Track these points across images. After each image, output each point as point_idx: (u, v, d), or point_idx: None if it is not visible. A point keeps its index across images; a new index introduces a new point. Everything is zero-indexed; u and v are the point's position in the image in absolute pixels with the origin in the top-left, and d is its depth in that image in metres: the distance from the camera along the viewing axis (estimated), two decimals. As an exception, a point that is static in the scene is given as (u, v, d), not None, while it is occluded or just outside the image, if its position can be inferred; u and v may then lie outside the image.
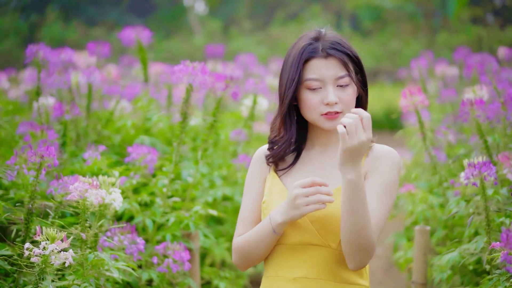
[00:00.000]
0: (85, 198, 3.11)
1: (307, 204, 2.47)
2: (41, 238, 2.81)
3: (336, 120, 2.64)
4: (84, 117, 4.88)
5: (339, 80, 2.62)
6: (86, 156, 3.89)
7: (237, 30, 18.71)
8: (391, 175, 2.62)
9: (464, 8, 18.20)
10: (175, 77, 3.87)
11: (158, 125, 5.14)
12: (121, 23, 18.78)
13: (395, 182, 2.63)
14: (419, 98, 4.30)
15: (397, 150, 2.74)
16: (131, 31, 5.43)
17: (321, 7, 19.09)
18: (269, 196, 2.70)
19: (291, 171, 2.74)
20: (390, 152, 2.67)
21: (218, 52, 7.80)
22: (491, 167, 3.32)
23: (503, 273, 2.72)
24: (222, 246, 4.43)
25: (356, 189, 2.44)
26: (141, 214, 3.88)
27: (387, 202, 2.59)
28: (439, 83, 7.84)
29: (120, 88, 5.21)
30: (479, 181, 3.35)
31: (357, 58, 2.69)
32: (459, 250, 3.80)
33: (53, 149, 3.30)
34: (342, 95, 2.63)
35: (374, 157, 2.66)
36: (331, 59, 2.62)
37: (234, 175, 4.76)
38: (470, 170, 3.35)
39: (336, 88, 2.63)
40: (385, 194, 2.59)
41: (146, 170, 4.06)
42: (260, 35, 18.10)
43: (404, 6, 17.90)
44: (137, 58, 9.75)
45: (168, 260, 3.61)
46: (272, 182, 2.73)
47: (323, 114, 2.64)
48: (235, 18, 20.65)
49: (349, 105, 2.64)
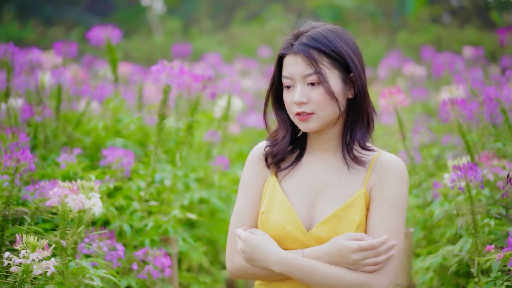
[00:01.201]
0: (65, 204, 2.99)
1: (363, 266, 2.43)
2: (21, 246, 2.69)
3: (308, 122, 2.51)
4: (54, 119, 4.73)
5: (307, 78, 2.49)
6: (61, 160, 3.75)
7: (198, 30, 18.55)
8: (400, 189, 2.51)
9: (423, 8, 18.32)
10: (153, 77, 3.77)
11: (130, 127, 5.01)
12: (80, 22, 18.50)
13: (404, 196, 2.52)
14: (399, 98, 4.27)
15: None
16: (101, 30, 5.28)
17: (282, 6, 19.05)
18: (269, 207, 2.57)
19: (291, 175, 2.62)
20: (398, 165, 2.54)
21: (185, 51, 7.69)
22: (477, 170, 3.27)
23: (498, 276, 2.67)
24: (199, 250, 4.32)
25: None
26: (118, 219, 3.76)
27: (399, 217, 2.50)
28: (407, 82, 7.85)
29: (91, 88, 5.07)
30: (464, 184, 3.30)
31: (338, 55, 2.51)
32: (442, 252, 3.76)
33: (29, 152, 3.17)
34: (312, 94, 2.50)
35: (381, 170, 2.53)
36: (299, 56, 2.50)
37: (211, 177, 4.65)
38: (455, 173, 3.30)
39: (306, 87, 2.50)
40: (396, 209, 2.49)
41: (122, 173, 3.94)
42: (220, 34, 17.97)
43: (364, 5, 17.94)
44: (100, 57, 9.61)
45: (149, 267, 3.50)
46: (273, 189, 2.60)
47: (296, 114, 2.53)
48: (195, 17, 20.49)
49: (320, 105, 2.50)
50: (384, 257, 2.42)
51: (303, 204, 2.55)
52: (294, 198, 2.57)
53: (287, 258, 2.46)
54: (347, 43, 2.54)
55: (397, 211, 2.49)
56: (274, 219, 2.53)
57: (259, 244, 2.51)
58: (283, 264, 2.46)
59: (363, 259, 2.41)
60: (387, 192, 2.50)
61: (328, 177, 2.57)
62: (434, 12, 19.19)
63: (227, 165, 4.64)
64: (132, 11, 20.91)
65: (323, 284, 2.44)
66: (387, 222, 2.47)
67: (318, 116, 2.51)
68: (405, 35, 16.29)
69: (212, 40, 16.89)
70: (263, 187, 2.64)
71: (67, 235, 3.04)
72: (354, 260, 2.41)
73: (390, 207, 2.49)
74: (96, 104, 5.30)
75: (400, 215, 2.49)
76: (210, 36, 17.67)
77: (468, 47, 8.52)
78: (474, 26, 17.34)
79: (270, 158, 2.64)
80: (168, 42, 16.54)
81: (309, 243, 2.49)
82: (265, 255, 2.48)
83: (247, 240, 2.52)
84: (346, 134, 2.57)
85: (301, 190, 2.58)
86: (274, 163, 2.64)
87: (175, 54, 7.82)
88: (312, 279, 2.44)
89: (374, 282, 2.43)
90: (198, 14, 20.55)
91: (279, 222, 2.53)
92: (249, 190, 2.65)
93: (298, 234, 2.50)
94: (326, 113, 2.51)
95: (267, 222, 2.55)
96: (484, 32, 16.54)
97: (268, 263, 2.48)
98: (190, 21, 20.04)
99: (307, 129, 2.53)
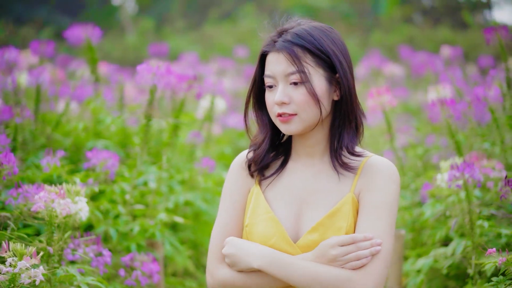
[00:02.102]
0: (52, 209, 2.88)
1: (345, 263, 2.29)
2: (8, 254, 2.57)
3: (289, 124, 2.38)
4: (32, 120, 4.59)
5: (289, 76, 2.36)
6: (44, 163, 3.62)
7: (170, 29, 18.40)
8: (389, 192, 2.37)
9: (395, 8, 18.37)
10: (139, 77, 3.67)
11: (110, 128, 4.89)
12: (50, 22, 18.25)
13: (394, 199, 2.39)
14: (386, 98, 4.21)
15: None
16: (79, 29, 5.16)
17: (255, 6, 18.97)
18: (253, 219, 2.44)
19: (275, 183, 2.49)
20: (387, 167, 2.41)
21: (162, 51, 7.58)
22: (475, 169, 3.23)
23: (501, 280, 2.62)
24: (184, 254, 4.22)
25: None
26: (103, 223, 3.65)
27: (388, 219, 2.35)
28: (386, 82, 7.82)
29: (71, 89, 4.94)
30: (462, 183, 3.25)
31: (324, 53, 2.37)
32: (433, 254, 3.71)
33: (12, 155, 3.06)
34: (294, 94, 2.36)
35: (369, 173, 2.40)
36: (282, 53, 2.37)
37: (195, 179, 4.55)
38: (453, 171, 3.25)
39: (289, 86, 2.37)
40: (384, 211, 2.35)
41: (106, 176, 3.83)
42: (194, 34, 17.83)
43: (338, 5, 17.95)
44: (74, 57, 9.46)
45: (137, 273, 3.39)
46: (256, 200, 2.47)
47: (277, 115, 2.40)
48: (168, 17, 20.33)
49: (303, 106, 2.36)
50: (367, 252, 2.29)
51: (289, 214, 2.43)
52: (279, 207, 2.45)
53: (268, 252, 2.34)
54: (334, 41, 2.42)
55: (385, 213, 2.35)
56: (259, 231, 2.41)
57: (242, 243, 2.40)
58: (263, 258, 2.33)
59: (343, 254, 2.29)
60: (375, 193, 2.37)
61: (314, 184, 2.45)
62: (406, 12, 19.27)
63: (213, 167, 4.55)
64: (103, 10, 20.69)
65: (304, 280, 2.30)
66: (375, 224, 2.34)
67: (300, 117, 2.38)
68: (378, 35, 16.32)
69: (185, 40, 16.76)
70: (247, 198, 2.51)
71: (54, 241, 2.93)
72: (334, 255, 2.29)
73: (378, 208, 2.35)
74: (75, 105, 5.17)
75: (388, 217, 2.36)
76: (183, 35, 17.54)
77: (446, 46, 8.54)
78: (445, 26, 17.43)
79: (253, 165, 2.51)
80: (141, 41, 16.39)
81: (297, 254, 2.37)
82: (247, 252, 2.36)
83: (231, 241, 2.41)
84: (334, 139, 2.44)
85: (286, 199, 2.45)
86: (257, 171, 2.51)
87: (151, 54, 7.71)
88: (291, 275, 2.31)
89: (358, 280, 2.28)
90: (171, 13, 20.39)
91: (264, 234, 2.40)
92: (232, 201, 2.51)
93: (284, 245, 2.38)
94: (308, 114, 2.38)
95: (252, 234, 2.42)
96: (456, 31, 16.65)
97: (249, 259, 2.35)
98: (163, 21, 19.88)
99: (289, 131, 2.40)
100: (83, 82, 5.17)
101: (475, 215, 3.27)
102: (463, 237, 3.70)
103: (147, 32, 17.68)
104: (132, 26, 18.69)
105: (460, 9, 19.35)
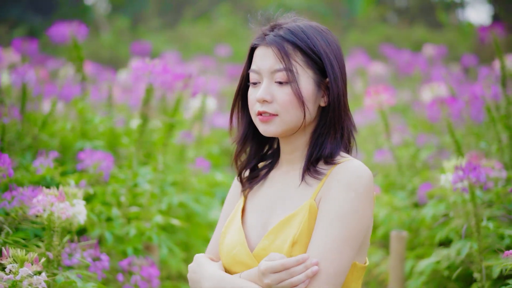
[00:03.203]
0: (51, 213, 2.76)
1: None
2: (9, 260, 2.45)
3: (269, 124, 2.23)
4: (18, 120, 4.44)
5: (275, 74, 2.21)
6: (37, 164, 3.49)
7: (145, 28, 18.23)
8: (345, 202, 2.13)
9: (371, 7, 18.39)
10: (134, 76, 3.55)
11: (98, 128, 4.76)
12: (22, 20, 17.98)
13: (351, 210, 2.12)
14: (384, 97, 4.13)
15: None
16: (66, 27, 5.01)
17: (231, 5, 18.85)
18: (226, 229, 2.34)
19: (256, 193, 2.38)
20: (350, 173, 2.16)
21: (145, 50, 7.46)
22: (480, 171, 3.16)
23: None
24: (178, 257, 4.11)
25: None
26: (98, 226, 3.53)
27: (343, 232, 2.11)
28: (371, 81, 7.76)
29: (58, 88, 4.79)
30: (467, 185, 3.18)
31: (315, 54, 2.22)
32: (435, 256, 3.64)
33: (7, 156, 2.93)
34: (278, 93, 2.21)
35: (331, 180, 2.18)
36: (271, 48, 2.23)
37: (188, 180, 4.43)
38: (458, 174, 3.17)
39: (274, 84, 2.22)
40: (339, 222, 2.11)
41: (99, 178, 3.71)
42: (169, 33, 17.68)
43: (314, 5, 17.89)
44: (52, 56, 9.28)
45: (136, 277, 3.27)
46: (236, 211, 2.37)
47: (258, 114, 2.25)
48: (143, 15, 20.14)
49: (285, 107, 2.20)
50: (302, 277, 2.08)
51: (257, 223, 2.30)
52: (251, 217, 2.33)
53: (218, 274, 2.21)
54: (328, 43, 2.26)
55: (340, 225, 2.11)
56: (226, 242, 2.31)
57: (203, 263, 2.28)
58: (211, 280, 2.20)
59: (277, 282, 2.09)
60: (332, 202, 2.14)
61: (283, 191, 2.30)
62: (381, 12, 19.31)
63: (207, 168, 4.44)
64: (76, 9, 20.44)
65: None
66: (322, 239, 2.11)
67: (281, 119, 2.23)
68: (355, 35, 16.33)
69: (160, 39, 16.61)
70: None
71: (53, 246, 2.82)
72: (267, 284, 2.11)
73: (332, 220, 2.12)
74: (60, 105, 5.03)
75: (344, 229, 2.11)
76: (159, 34, 17.38)
77: (429, 45, 8.55)
78: (421, 26, 17.51)
79: (244, 178, 2.42)
80: (116, 41, 16.20)
81: (254, 265, 2.22)
82: (201, 274, 2.24)
83: (196, 259, 2.32)
84: (314, 147, 2.26)
85: (259, 208, 2.34)
86: (248, 184, 2.41)
87: (133, 53, 7.57)
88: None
89: None
90: (146, 12, 20.21)
91: (230, 243, 2.29)
92: (225, 215, 2.42)
93: (243, 255, 2.24)
94: (290, 117, 2.22)
95: (221, 244, 2.33)
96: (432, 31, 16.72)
97: (201, 281, 2.22)
98: (138, 20, 19.70)
99: (267, 132, 2.25)
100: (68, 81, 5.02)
101: (480, 217, 3.21)
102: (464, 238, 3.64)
103: (122, 31, 17.49)
104: (107, 25, 18.48)
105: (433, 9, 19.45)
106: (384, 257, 4.45)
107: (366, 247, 2.25)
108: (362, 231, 2.15)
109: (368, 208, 2.16)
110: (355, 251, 2.14)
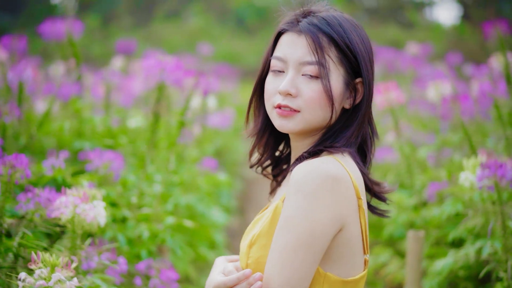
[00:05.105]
0: (77, 215, 2.65)
1: None
2: (39, 265, 2.33)
3: (288, 120, 2.02)
4: (16, 119, 4.30)
5: (304, 66, 2.01)
6: (48, 165, 3.36)
7: (117, 27, 18.04)
8: (292, 204, 1.92)
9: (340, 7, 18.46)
10: (146, 73, 3.44)
11: (96, 128, 4.63)
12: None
13: (297, 214, 1.91)
14: (394, 95, 4.08)
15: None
16: (61, 24, 4.87)
17: (202, 5, 18.74)
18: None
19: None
20: (297, 174, 1.94)
21: (130, 48, 7.32)
22: (507, 169, 3.10)
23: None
24: (185, 260, 4.00)
25: None
26: (110, 228, 3.41)
27: (288, 241, 1.91)
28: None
29: (56, 86, 4.66)
30: (494, 183, 3.13)
31: (351, 51, 2.02)
32: (453, 255, 3.59)
33: (24, 156, 2.80)
34: (305, 88, 2.00)
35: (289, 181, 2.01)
36: (303, 37, 2.02)
37: (195, 180, 4.33)
38: (484, 171, 3.11)
39: (301, 77, 2.02)
40: (284, 230, 1.92)
41: (110, 178, 3.59)
42: (141, 31, 17.51)
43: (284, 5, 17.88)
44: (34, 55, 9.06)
45: (155, 281, 3.15)
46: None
47: (276, 106, 2.04)
48: (114, 14, 19.91)
49: (311, 105, 2.00)
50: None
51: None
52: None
53: (210, 281, 2.09)
54: (363, 41, 2.08)
55: (286, 231, 1.92)
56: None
57: (215, 268, 2.15)
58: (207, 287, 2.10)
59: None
60: (284, 208, 1.96)
61: (281, 191, 2.18)
62: (350, 11, 19.38)
63: (215, 167, 4.34)
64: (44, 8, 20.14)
65: None
66: (275, 245, 1.95)
67: (304, 116, 2.02)
68: (328, 34, 16.34)
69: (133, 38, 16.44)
70: None
71: (76, 249, 2.71)
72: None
73: (281, 226, 1.94)
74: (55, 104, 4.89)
75: (292, 235, 1.91)
76: (131, 33, 17.21)
77: (414, 44, 8.54)
78: (392, 25, 17.60)
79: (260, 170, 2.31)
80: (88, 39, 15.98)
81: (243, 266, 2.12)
82: (209, 278, 2.12)
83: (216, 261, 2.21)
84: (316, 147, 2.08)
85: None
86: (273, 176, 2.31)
87: (118, 51, 7.43)
88: None
89: None
90: (117, 11, 20.00)
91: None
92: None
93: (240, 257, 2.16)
94: (314, 116, 2.03)
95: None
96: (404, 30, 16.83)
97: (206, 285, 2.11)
98: (109, 18, 19.48)
99: (283, 128, 2.05)
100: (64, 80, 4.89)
101: (507, 215, 3.15)
102: (478, 237, 3.59)
103: (93, 30, 17.27)
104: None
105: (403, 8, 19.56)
106: (392, 257, 4.39)
107: (346, 259, 2.01)
108: (318, 237, 1.92)
109: (322, 211, 1.91)
110: (315, 258, 1.93)
